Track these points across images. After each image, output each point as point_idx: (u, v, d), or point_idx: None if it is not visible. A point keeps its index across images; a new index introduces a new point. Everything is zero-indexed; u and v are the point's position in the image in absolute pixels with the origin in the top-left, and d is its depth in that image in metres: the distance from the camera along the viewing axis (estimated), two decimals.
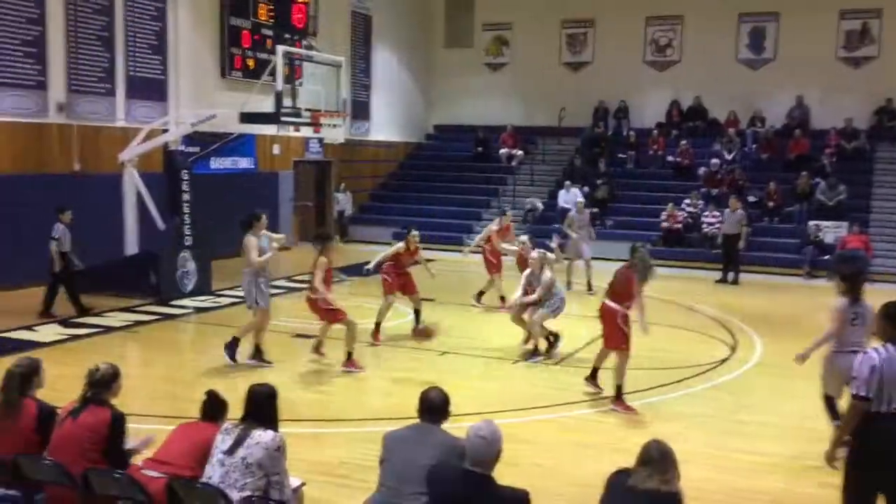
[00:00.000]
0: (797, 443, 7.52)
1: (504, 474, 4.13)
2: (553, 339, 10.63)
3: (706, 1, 22.42)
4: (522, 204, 22.02)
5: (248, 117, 14.06)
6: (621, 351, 8.52)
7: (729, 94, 22.72)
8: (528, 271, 10.68)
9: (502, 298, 13.15)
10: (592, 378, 8.98)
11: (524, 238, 12.26)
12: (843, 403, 6.20)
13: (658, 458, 3.92)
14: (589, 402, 8.67)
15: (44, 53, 14.26)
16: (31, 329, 11.24)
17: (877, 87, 21.56)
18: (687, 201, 20.06)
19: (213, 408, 4.99)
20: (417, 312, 11.66)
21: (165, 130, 14.79)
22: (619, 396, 8.41)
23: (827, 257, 17.82)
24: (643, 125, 23.83)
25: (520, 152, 23.91)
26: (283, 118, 13.60)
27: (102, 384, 5.02)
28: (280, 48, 13.63)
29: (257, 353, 9.77)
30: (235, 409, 4.88)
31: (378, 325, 11.12)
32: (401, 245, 11.53)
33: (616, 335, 8.56)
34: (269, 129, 16.48)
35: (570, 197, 20.82)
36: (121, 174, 14.18)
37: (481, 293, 13.81)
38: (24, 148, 14.10)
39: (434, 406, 4.61)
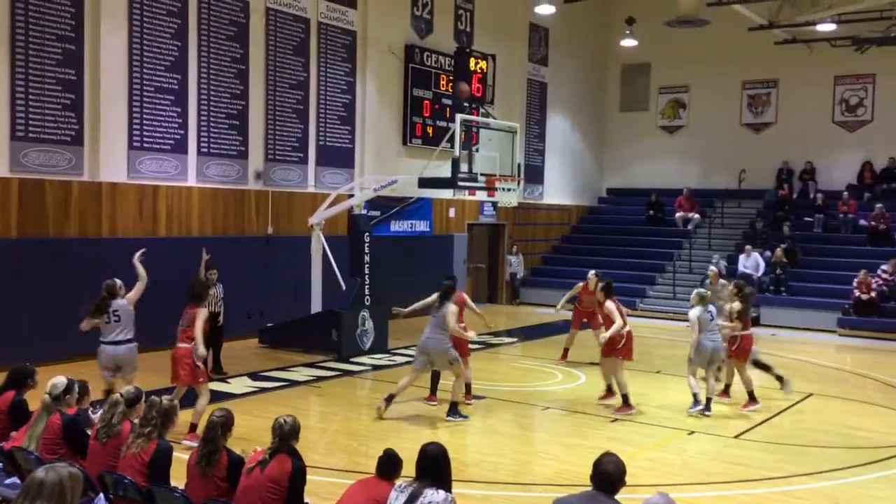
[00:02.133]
0: None
1: None
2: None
3: None
4: (701, 269, 21.40)
5: (426, 182, 14.59)
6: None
7: None
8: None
9: (566, 351, 13.88)
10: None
11: (592, 273, 13.57)
12: None
13: None
14: (770, 480, 8.22)
15: (245, 125, 15.56)
16: (224, 381, 12.06)
17: None
18: (885, 268, 18.76)
19: (389, 465, 5.17)
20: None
21: (351, 195, 15.63)
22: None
23: None
24: (831, 187, 22.65)
25: (696, 216, 23.33)
26: (460, 183, 14.02)
27: (288, 436, 5.34)
28: (458, 116, 14.12)
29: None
30: (409, 467, 5.05)
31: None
32: None
33: None
34: (445, 194, 17.00)
35: (751, 262, 20.08)
36: (309, 237, 15.08)
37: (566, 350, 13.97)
38: (225, 212, 15.33)
39: (609, 476, 4.37)
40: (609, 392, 11.09)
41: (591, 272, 14.01)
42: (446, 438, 5.79)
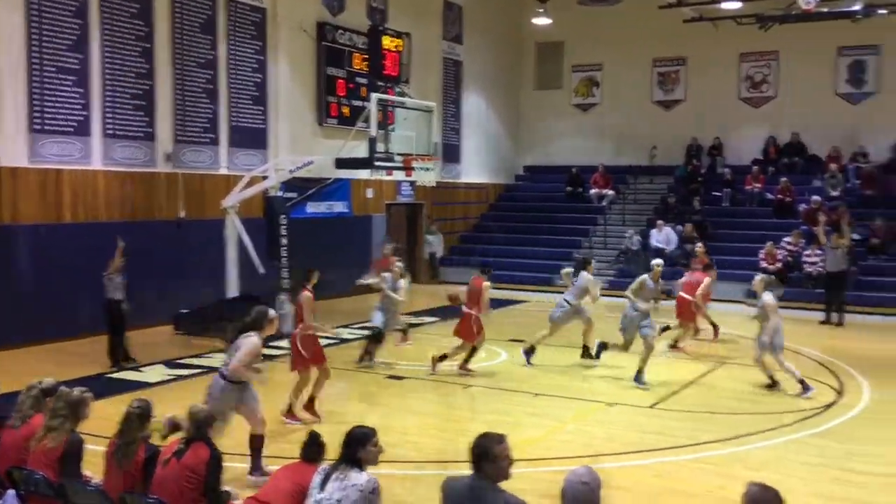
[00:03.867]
0: None
1: None
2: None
3: (802, 36, 21.93)
4: (616, 244, 21.85)
5: (343, 163, 14.43)
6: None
7: (828, 130, 22.07)
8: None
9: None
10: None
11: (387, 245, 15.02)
12: None
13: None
14: (686, 447, 8.46)
15: (152, 106, 15.06)
16: (137, 370, 11.72)
17: None
18: (788, 239, 19.46)
19: (313, 449, 5.10)
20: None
21: (265, 177, 15.33)
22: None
23: None
24: (739, 162, 23.36)
25: (610, 192, 23.74)
26: (377, 163, 13.91)
27: (203, 423, 5.22)
28: (374, 95, 13.99)
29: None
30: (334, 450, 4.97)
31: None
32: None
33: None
34: (362, 174, 16.84)
35: (663, 237, 20.57)
36: (223, 220, 14.74)
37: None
38: (133, 196, 14.81)
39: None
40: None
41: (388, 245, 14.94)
42: (371, 421, 5.75)
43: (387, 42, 14.95)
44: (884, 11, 20.34)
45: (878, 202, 20.39)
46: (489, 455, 4.15)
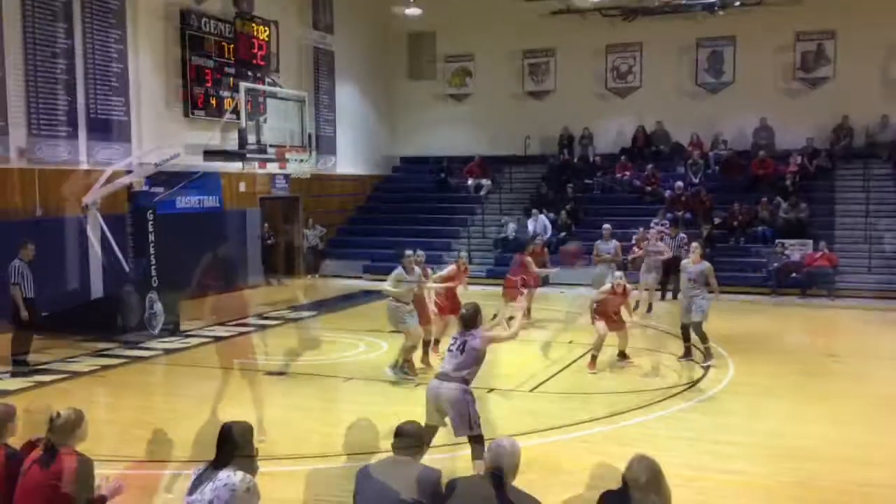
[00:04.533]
0: (773, 462, 7.54)
1: None
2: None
3: (664, 28, 22.83)
4: (493, 234, 22.13)
5: (212, 155, 13.99)
6: None
7: (690, 118, 23.09)
8: None
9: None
10: None
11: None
12: None
13: (653, 476, 4.07)
14: (563, 427, 8.62)
15: (3, 97, 14.10)
16: None
17: (834, 107, 22.01)
18: (655, 220, 20.15)
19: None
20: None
21: (129, 171, 14.65)
22: None
23: (794, 275, 18.09)
24: (608, 151, 24.09)
25: (487, 182, 24.03)
26: (248, 155, 13.56)
27: (65, 430, 4.89)
28: (242, 85, 13.62)
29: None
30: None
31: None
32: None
33: None
34: (234, 167, 16.38)
35: (539, 224, 20.97)
36: (85, 217, 14.01)
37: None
38: None
39: (408, 438, 4.69)
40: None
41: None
42: (249, 418, 5.55)
43: (254, 30, 14.56)
44: (738, 4, 21.45)
45: (736, 187, 21.47)
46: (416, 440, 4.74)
